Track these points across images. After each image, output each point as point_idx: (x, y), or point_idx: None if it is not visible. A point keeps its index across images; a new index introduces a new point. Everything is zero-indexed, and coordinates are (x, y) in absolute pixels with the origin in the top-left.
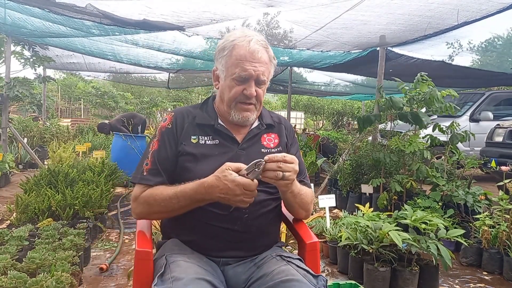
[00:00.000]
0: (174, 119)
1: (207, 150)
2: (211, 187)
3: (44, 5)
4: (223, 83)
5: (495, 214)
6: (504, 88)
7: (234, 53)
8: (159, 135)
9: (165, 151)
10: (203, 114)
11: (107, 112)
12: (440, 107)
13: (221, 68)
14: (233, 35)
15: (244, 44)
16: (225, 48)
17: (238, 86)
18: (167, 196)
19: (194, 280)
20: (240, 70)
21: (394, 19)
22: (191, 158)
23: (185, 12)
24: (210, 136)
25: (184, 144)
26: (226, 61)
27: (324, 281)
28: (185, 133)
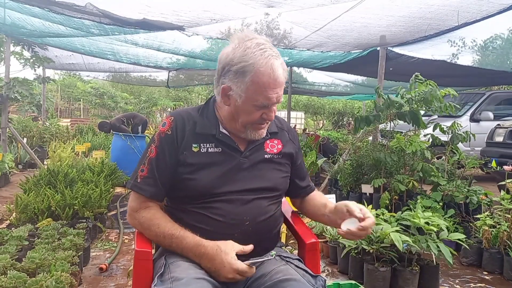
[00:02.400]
0: (174, 124)
1: (209, 159)
2: (207, 255)
3: (44, 5)
4: (240, 106)
5: (495, 214)
6: (504, 88)
7: (257, 80)
8: (158, 141)
9: (164, 160)
10: (204, 121)
11: (106, 112)
12: (440, 107)
13: (239, 91)
14: (250, 55)
15: (266, 69)
16: (244, 72)
17: (257, 112)
18: (162, 233)
19: (194, 280)
20: (263, 99)
21: (395, 21)
22: (193, 169)
23: (185, 12)
24: (212, 144)
25: (185, 154)
26: (247, 88)
27: (322, 281)
28: (186, 141)
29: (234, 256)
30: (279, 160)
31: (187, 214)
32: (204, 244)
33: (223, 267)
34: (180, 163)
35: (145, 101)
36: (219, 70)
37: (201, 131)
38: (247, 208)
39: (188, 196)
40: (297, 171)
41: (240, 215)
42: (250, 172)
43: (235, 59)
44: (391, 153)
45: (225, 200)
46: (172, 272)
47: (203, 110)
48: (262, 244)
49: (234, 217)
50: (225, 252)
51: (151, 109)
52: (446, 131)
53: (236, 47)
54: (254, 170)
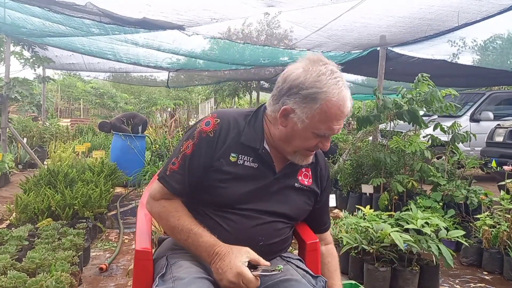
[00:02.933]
0: (219, 128)
1: (243, 172)
2: (219, 255)
3: (44, 4)
4: (298, 129)
5: (495, 214)
6: (504, 88)
7: (325, 110)
8: (197, 139)
9: (198, 160)
10: (250, 132)
11: (106, 112)
12: (441, 107)
13: (303, 116)
14: (324, 82)
15: (337, 101)
16: (316, 99)
17: (314, 139)
18: (181, 226)
19: (196, 279)
20: (326, 129)
21: (395, 22)
22: (225, 177)
23: (185, 11)
24: (251, 158)
25: (222, 161)
26: (313, 115)
27: (323, 282)
28: (226, 149)
29: (244, 260)
30: (307, 193)
31: (203, 217)
32: (219, 244)
33: (229, 269)
34: (214, 169)
35: (145, 101)
36: (283, 88)
37: (245, 142)
38: (264, 229)
39: (212, 202)
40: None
41: (256, 234)
42: (276, 196)
43: (306, 83)
44: (391, 153)
45: (245, 216)
46: (174, 272)
47: (251, 120)
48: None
49: (249, 235)
50: (236, 255)
51: (151, 109)
52: (446, 131)
53: (309, 70)
54: (281, 195)
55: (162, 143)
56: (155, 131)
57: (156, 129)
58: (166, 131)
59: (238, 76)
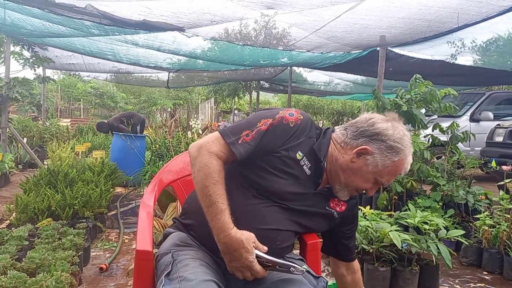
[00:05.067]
0: (300, 123)
1: (298, 172)
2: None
3: (43, 6)
4: (365, 171)
5: (495, 214)
6: (504, 88)
7: (397, 165)
8: (277, 122)
9: (268, 139)
10: (322, 144)
11: (106, 112)
12: (440, 107)
13: (379, 162)
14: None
15: (406, 163)
16: (398, 153)
17: (369, 183)
18: (209, 191)
19: (203, 282)
20: (386, 179)
21: (395, 23)
22: (279, 165)
23: (185, 13)
24: (310, 165)
25: (289, 153)
26: (387, 165)
27: (324, 282)
28: (298, 144)
29: (254, 253)
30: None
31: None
32: (230, 233)
33: (238, 261)
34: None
35: (144, 101)
36: (367, 130)
37: (316, 149)
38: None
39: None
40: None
41: (276, 235)
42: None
43: (393, 137)
44: None
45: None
46: (180, 271)
47: (323, 136)
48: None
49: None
50: (247, 248)
51: (151, 108)
52: (445, 131)
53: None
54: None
55: (162, 143)
56: (155, 131)
57: (156, 129)
58: (166, 131)
59: (238, 76)
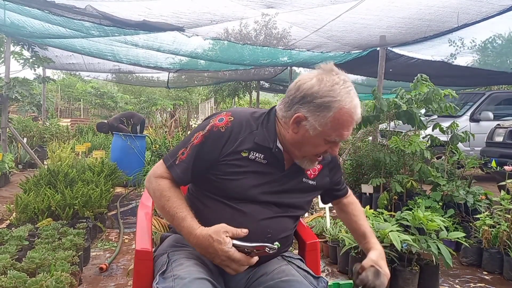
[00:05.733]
0: (231, 126)
1: (253, 167)
2: (199, 245)
3: (43, 7)
4: (309, 136)
5: (495, 214)
6: (504, 87)
7: (338, 117)
8: (208, 132)
9: (204, 152)
10: (264, 132)
11: (106, 112)
12: (440, 107)
13: (315, 124)
14: (338, 92)
15: (349, 109)
16: (330, 107)
17: (325, 145)
18: (169, 208)
19: (197, 280)
20: (337, 135)
21: (395, 23)
22: (234, 170)
23: (184, 13)
24: (262, 155)
25: (233, 155)
26: (326, 123)
27: (324, 282)
28: (238, 145)
29: (228, 242)
30: (313, 186)
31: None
32: (196, 233)
33: (218, 256)
34: (223, 163)
35: (145, 101)
36: (296, 96)
37: (259, 142)
38: (273, 222)
39: (222, 194)
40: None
41: (265, 227)
42: (284, 189)
43: (320, 92)
44: (390, 153)
45: (254, 209)
46: (174, 270)
47: (264, 121)
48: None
49: (258, 227)
50: (218, 241)
51: (151, 109)
52: (445, 131)
53: (323, 80)
54: (288, 189)
55: (162, 143)
56: (155, 131)
57: (156, 129)
58: (166, 131)
59: (238, 76)
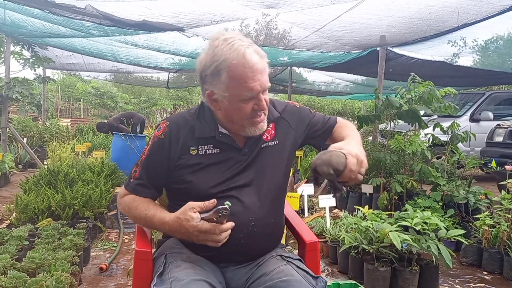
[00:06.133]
0: (169, 130)
1: (207, 160)
2: (173, 230)
3: (43, 6)
4: (228, 106)
5: (495, 214)
6: (504, 88)
7: (233, 75)
8: (151, 145)
9: (154, 162)
10: (202, 125)
11: (106, 112)
12: (440, 107)
13: (221, 92)
14: (220, 52)
15: (239, 61)
16: (219, 71)
17: (247, 105)
18: (138, 214)
19: (194, 281)
20: (246, 91)
21: (395, 22)
22: (191, 170)
23: (185, 13)
24: (211, 145)
25: (183, 157)
26: (227, 86)
27: (323, 282)
28: (182, 145)
29: (195, 217)
30: (276, 144)
31: None
32: (167, 221)
33: (191, 234)
34: (178, 167)
35: (145, 101)
36: (199, 79)
37: (200, 135)
38: (251, 208)
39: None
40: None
41: (244, 215)
42: (250, 169)
43: (208, 62)
44: (391, 153)
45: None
46: (172, 272)
47: (200, 113)
48: (266, 246)
49: (238, 217)
50: (186, 219)
51: (151, 109)
52: (446, 131)
53: (207, 52)
54: (254, 165)
55: None
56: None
57: None
58: None
59: None
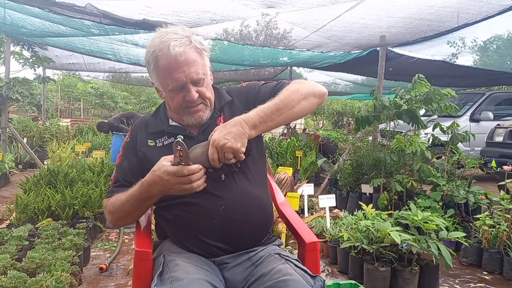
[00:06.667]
0: (132, 132)
1: (165, 150)
2: (149, 185)
3: (43, 5)
4: (164, 95)
5: (495, 214)
6: (504, 88)
7: (159, 66)
8: (122, 151)
9: (126, 162)
10: (155, 121)
11: (106, 112)
12: (440, 107)
13: (156, 82)
14: (152, 44)
15: (164, 52)
16: (149, 62)
17: (178, 95)
18: (121, 202)
19: (195, 280)
20: (171, 82)
21: (395, 22)
22: (152, 160)
23: (185, 12)
24: (165, 136)
25: (143, 150)
26: (157, 76)
27: (321, 281)
28: (141, 140)
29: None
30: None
31: (165, 211)
32: (144, 179)
33: (163, 180)
34: (142, 161)
35: (144, 101)
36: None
37: (152, 130)
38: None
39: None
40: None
41: (212, 200)
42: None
43: (145, 55)
44: (391, 153)
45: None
46: (171, 271)
47: (156, 113)
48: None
49: (207, 203)
50: (158, 168)
51: (151, 108)
52: (446, 131)
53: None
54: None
55: None
56: None
57: None
58: None
59: (238, 76)
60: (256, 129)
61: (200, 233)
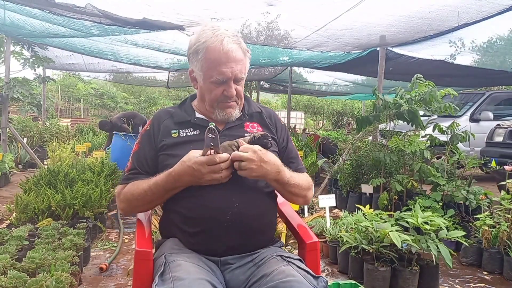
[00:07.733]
0: (153, 121)
1: (188, 139)
2: (178, 175)
3: (43, 6)
4: (202, 85)
5: (495, 214)
6: (504, 88)
7: (208, 57)
8: (140, 138)
9: (143, 151)
10: (181, 112)
11: (106, 112)
12: (440, 107)
13: (198, 71)
14: (204, 35)
15: (217, 45)
16: (198, 51)
17: (217, 88)
18: (142, 190)
19: (196, 280)
20: (217, 74)
21: (395, 21)
22: (173, 149)
23: (185, 10)
24: (190, 128)
25: (165, 140)
26: (202, 65)
27: (324, 282)
28: (164, 130)
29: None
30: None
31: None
32: (171, 170)
33: (194, 170)
34: (161, 149)
35: (145, 101)
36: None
37: (178, 120)
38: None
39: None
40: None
41: (227, 196)
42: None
43: (192, 43)
44: (390, 153)
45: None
46: (172, 271)
47: (181, 105)
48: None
49: (221, 199)
50: (189, 159)
51: (151, 108)
52: (445, 131)
53: (197, 34)
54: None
55: None
56: None
57: None
58: None
59: None
60: (277, 182)
61: (211, 228)
